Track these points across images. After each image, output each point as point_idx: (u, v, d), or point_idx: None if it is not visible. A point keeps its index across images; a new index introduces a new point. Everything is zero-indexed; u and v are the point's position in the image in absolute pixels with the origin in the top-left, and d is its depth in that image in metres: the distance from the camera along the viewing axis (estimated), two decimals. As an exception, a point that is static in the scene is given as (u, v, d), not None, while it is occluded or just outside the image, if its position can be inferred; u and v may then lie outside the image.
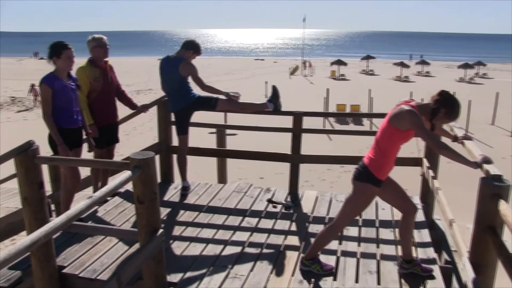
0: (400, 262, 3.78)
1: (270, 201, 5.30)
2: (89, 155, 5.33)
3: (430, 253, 4.14)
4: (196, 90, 5.54)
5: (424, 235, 4.51)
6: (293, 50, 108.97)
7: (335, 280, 3.65)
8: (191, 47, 5.39)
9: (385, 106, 3.44)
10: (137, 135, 18.55)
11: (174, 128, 5.71)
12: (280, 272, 3.76)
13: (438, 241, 4.85)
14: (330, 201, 5.40)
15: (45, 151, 3.87)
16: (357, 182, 3.48)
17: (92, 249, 4.09)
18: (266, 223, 4.77)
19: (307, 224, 4.76)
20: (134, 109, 5.80)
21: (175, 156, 5.82)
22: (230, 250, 4.16)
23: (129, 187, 5.47)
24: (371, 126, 20.57)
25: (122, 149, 5.70)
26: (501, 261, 2.68)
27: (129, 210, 5.04)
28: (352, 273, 3.75)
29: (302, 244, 4.28)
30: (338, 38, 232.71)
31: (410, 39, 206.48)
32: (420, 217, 4.91)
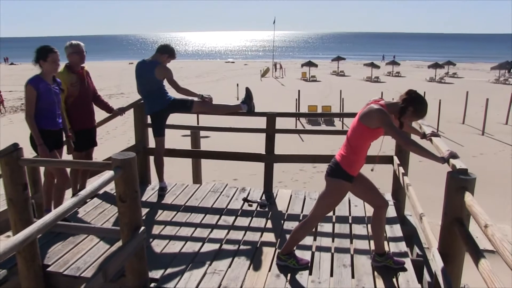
0: (373, 256, 3.92)
1: (246, 200, 5.42)
2: (69, 158, 5.37)
3: (402, 247, 4.31)
4: (172, 93, 5.63)
5: (396, 230, 4.69)
6: (264, 52, 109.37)
7: (311, 274, 3.78)
8: (166, 51, 5.48)
9: (356, 107, 3.59)
10: (111, 139, 18.43)
11: (151, 130, 5.78)
12: (258, 267, 3.88)
13: (410, 236, 5.05)
14: (304, 199, 5.55)
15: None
16: (330, 178, 3.62)
17: (75, 248, 4.16)
18: (243, 221, 4.89)
19: (282, 221, 4.89)
20: (110, 113, 5.87)
21: (152, 158, 5.89)
22: (209, 247, 4.26)
23: (107, 189, 5.56)
24: (343, 127, 20.87)
25: (96, 153, 5.74)
26: (468, 251, 2.83)
27: (109, 211, 5.11)
28: (327, 267, 3.89)
29: (278, 240, 4.41)
30: (308, 40, 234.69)
31: (380, 40, 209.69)
32: (392, 213, 5.11)
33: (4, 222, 4.89)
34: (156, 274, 3.73)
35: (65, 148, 5.25)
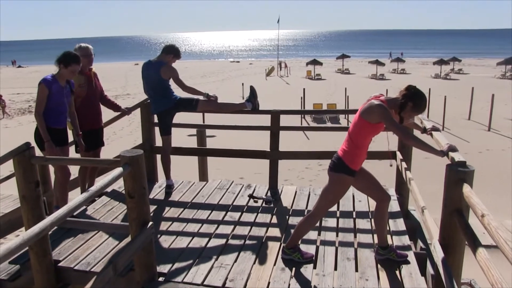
0: (376, 249, 4.00)
1: (251, 197, 5.51)
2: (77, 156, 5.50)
3: (405, 241, 4.38)
4: (177, 92, 5.74)
5: (400, 224, 4.76)
6: (269, 52, 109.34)
7: (315, 268, 3.86)
8: (171, 52, 5.58)
9: (361, 104, 3.68)
10: (117, 139, 18.62)
11: (157, 129, 5.88)
12: (263, 261, 3.97)
13: (413, 230, 5.11)
14: (309, 195, 5.63)
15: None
16: (333, 173, 3.71)
17: (85, 244, 4.28)
18: (248, 217, 4.98)
19: (287, 217, 4.98)
20: (118, 111, 5.99)
21: (159, 156, 5.99)
22: (215, 242, 4.36)
23: (116, 187, 5.67)
24: (348, 124, 20.85)
25: (103, 153, 5.87)
26: (466, 240, 2.92)
27: (117, 208, 5.22)
28: (331, 261, 3.97)
29: (283, 235, 4.49)
30: (313, 38, 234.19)
31: (384, 37, 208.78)
32: (396, 207, 5.18)
33: (7, 223, 5.07)
34: (164, 269, 3.83)
35: (74, 147, 5.42)
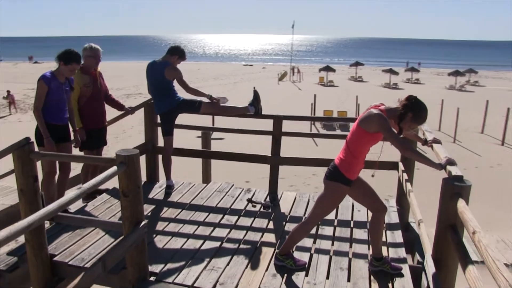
0: (371, 260, 3.95)
1: (250, 201, 5.50)
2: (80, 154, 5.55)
3: (401, 253, 4.32)
4: (182, 94, 5.75)
5: (397, 236, 4.71)
6: (282, 56, 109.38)
7: (307, 276, 3.84)
8: (176, 53, 5.60)
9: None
10: (127, 138, 18.70)
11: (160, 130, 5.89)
12: (255, 266, 3.96)
13: (412, 243, 5.07)
14: (308, 202, 5.61)
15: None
16: (328, 182, 3.69)
17: (81, 240, 4.30)
18: (245, 221, 4.97)
19: (284, 223, 4.96)
20: (122, 110, 6.02)
21: (161, 156, 6.01)
22: (209, 245, 4.36)
23: (117, 185, 5.69)
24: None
25: (112, 151, 5.91)
26: (458, 256, 2.88)
27: (116, 206, 5.24)
28: (324, 269, 3.94)
29: (278, 241, 4.47)
30: (327, 44, 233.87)
31: (401, 46, 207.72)
32: (395, 219, 5.14)
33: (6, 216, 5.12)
34: (156, 268, 3.83)
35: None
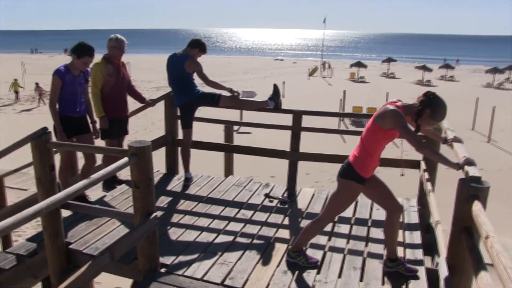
0: (385, 261, 3.87)
1: (267, 196, 5.47)
2: (102, 144, 5.63)
3: (418, 255, 4.19)
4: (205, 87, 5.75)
5: (415, 237, 4.59)
6: (313, 51, 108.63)
7: (319, 274, 3.78)
8: (197, 46, 5.61)
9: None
10: (155, 130, 18.87)
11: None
12: (267, 262, 3.93)
13: (432, 245, 4.93)
14: (326, 198, 5.52)
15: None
16: (341, 179, 3.61)
17: (97, 230, 4.37)
18: (261, 216, 4.94)
19: (300, 219, 4.90)
20: (143, 103, 6.07)
21: (180, 149, 6.03)
22: (223, 239, 4.35)
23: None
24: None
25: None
26: (471, 261, 2.77)
27: (134, 197, 5.28)
28: (337, 268, 3.87)
29: (292, 238, 4.42)
30: (359, 40, 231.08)
31: (437, 42, 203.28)
32: (414, 219, 5.02)
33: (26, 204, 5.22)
34: (168, 260, 3.85)
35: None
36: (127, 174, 3.77)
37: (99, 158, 5.55)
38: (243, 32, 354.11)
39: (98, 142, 5.70)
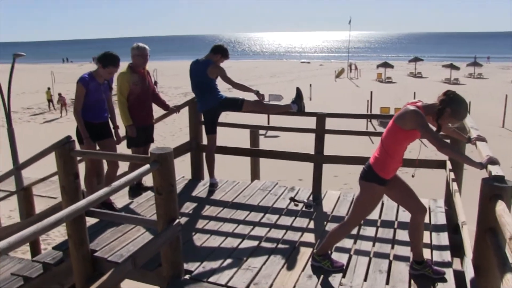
0: (411, 263, 3.81)
1: (293, 199, 5.45)
2: (128, 152, 5.72)
3: (446, 257, 4.11)
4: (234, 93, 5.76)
5: (443, 239, 4.50)
6: (339, 53, 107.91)
7: (344, 277, 3.75)
8: (219, 51, 5.64)
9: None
10: (183, 136, 19.05)
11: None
12: (292, 266, 3.91)
13: (460, 246, 4.83)
14: (352, 201, 5.46)
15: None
16: (363, 182, 3.59)
17: (122, 237, 4.43)
18: (286, 220, 4.93)
19: (325, 223, 4.87)
20: (167, 110, 6.14)
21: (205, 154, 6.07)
22: (247, 244, 4.36)
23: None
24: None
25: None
26: (496, 262, 2.71)
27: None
28: (362, 271, 3.83)
29: (318, 242, 4.40)
30: (385, 40, 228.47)
31: (465, 40, 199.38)
32: (441, 220, 4.93)
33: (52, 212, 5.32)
34: (192, 267, 3.88)
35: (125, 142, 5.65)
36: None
37: (122, 163, 5.62)
38: (269, 36, 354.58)
39: (125, 151, 5.80)
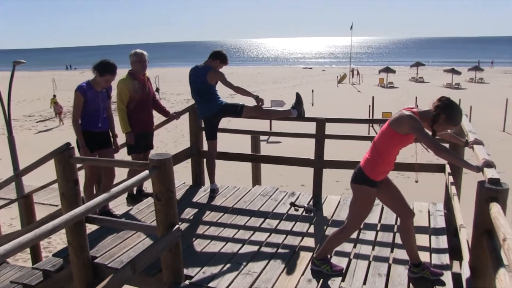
0: (409, 267, 3.82)
1: (293, 205, 5.47)
2: (128, 159, 5.75)
3: (445, 259, 4.14)
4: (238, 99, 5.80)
5: (441, 242, 4.53)
6: (341, 59, 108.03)
7: (343, 281, 3.77)
8: (218, 57, 5.68)
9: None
10: (184, 142, 19.07)
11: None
12: (291, 271, 3.94)
13: (459, 249, 4.85)
14: (351, 206, 5.50)
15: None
16: (355, 185, 3.63)
17: (122, 243, 4.45)
18: (286, 225, 4.96)
19: (325, 227, 4.89)
20: (167, 116, 6.17)
21: (205, 160, 6.11)
22: (247, 249, 4.38)
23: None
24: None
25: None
26: (491, 266, 2.72)
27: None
28: (362, 275, 3.85)
29: (317, 246, 4.42)
30: (387, 45, 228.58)
31: (467, 45, 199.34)
32: (441, 224, 4.95)
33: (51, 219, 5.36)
34: (192, 272, 3.90)
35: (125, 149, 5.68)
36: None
37: (119, 173, 5.64)
38: (271, 42, 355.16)
39: (125, 158, 5.83)
